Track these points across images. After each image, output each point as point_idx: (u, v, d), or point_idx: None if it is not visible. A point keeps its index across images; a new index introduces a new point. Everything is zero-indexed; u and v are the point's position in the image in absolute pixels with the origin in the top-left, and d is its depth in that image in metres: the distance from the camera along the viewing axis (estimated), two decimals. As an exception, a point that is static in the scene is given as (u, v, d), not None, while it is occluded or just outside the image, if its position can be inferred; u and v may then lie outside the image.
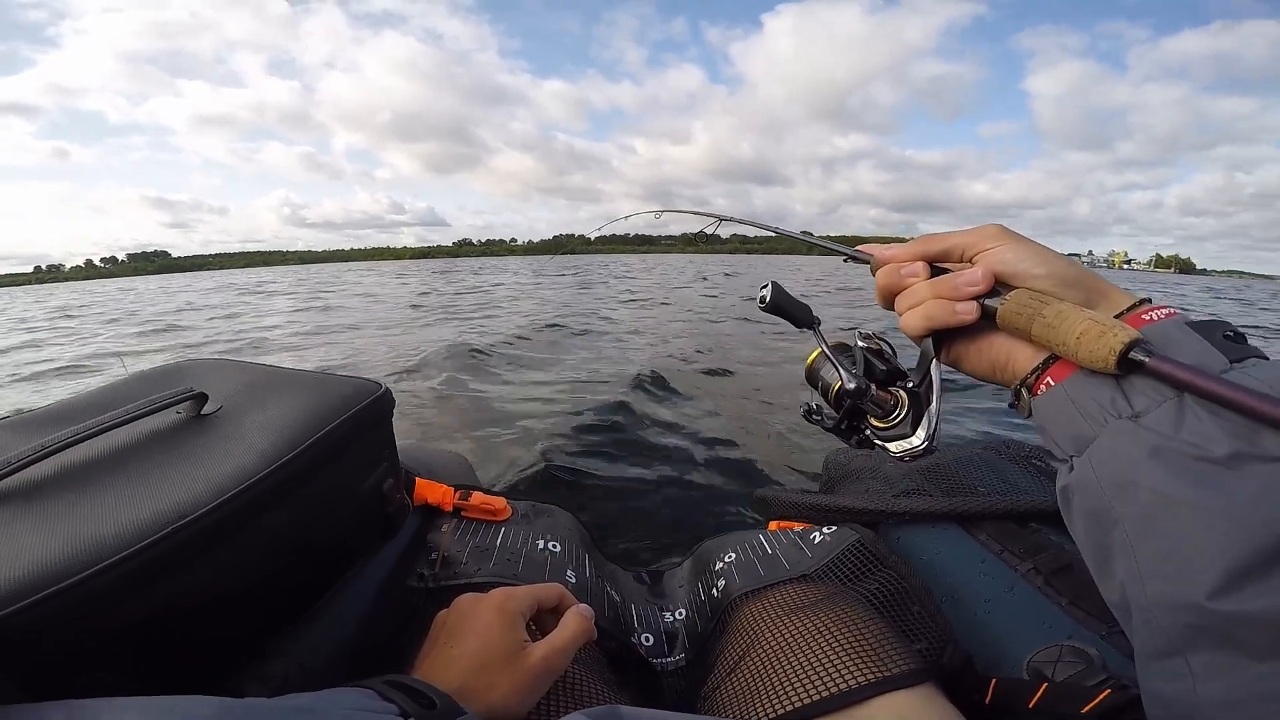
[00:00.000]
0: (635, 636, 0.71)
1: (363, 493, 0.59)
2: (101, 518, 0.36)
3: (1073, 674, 0.46)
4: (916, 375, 0.41)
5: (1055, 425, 0.33)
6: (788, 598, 0.61)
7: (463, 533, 0.73)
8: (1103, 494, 0.30)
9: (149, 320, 9.18)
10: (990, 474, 0.76)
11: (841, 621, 0.55)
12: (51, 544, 0.33)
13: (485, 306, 8.26)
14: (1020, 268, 0.34)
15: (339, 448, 0.53)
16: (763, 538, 0.75)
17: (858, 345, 0.47)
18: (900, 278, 0.38)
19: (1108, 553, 0.30)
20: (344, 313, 8.39)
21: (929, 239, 0.38)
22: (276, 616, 0.50)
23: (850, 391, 0.42)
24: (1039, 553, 0.60)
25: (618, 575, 0.86)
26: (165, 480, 0.41)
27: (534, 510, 0.84)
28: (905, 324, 0.38)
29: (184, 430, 0.49)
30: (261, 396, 0.54)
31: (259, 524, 0.44)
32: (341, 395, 0.56)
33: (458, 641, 0.43)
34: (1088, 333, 0.30)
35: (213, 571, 0.41)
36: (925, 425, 0.41)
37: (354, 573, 0.60)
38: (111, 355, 5.50)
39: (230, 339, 6.33)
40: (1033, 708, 0.44)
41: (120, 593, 0.34)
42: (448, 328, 5.88)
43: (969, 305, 0.35)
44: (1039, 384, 0.34)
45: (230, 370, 0.61)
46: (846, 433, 0.48)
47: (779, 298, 0.46)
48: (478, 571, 0.65)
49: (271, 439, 0.47)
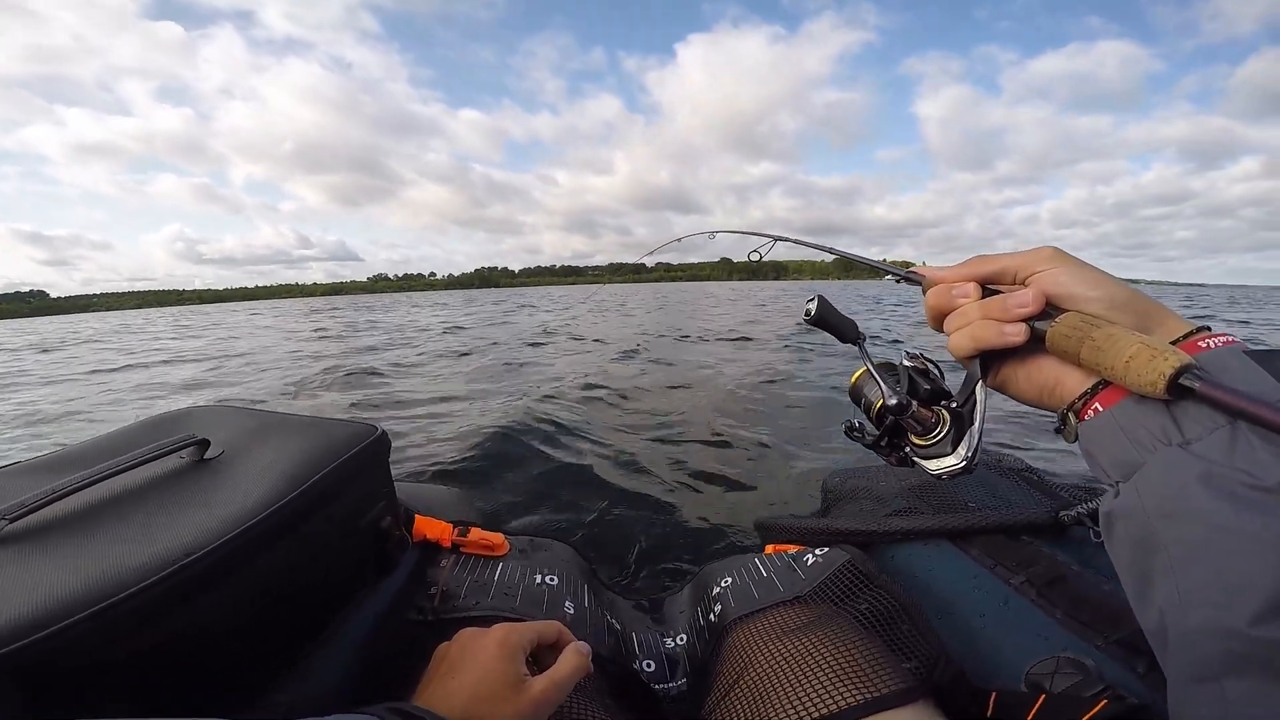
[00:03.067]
0: (637, 663, 0.71)
1: (361, 530, 0.60)
2: (112, 555, 0.38)
3: (1070, 685, 0.46)
4: (960, 395, 0.41)
5: (1102, 451, 0.32)
6: (780, 620, 0.62)
7: (461, 568, 0.74)
8: (1148, 521, 0.29)
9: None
10: (980, 489, 0.77)
11: (832, 643, 0.55)
12: (66, 579, 0.35)
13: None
14: (1074, 290, 0.33)
15: (336, 489, 0.54)
16: (758, 561, 0.76)
17: (903, 364, 0.46)
18: (951, 298, 0.38)
19: (1149, 579, 0.29)
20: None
21: (982, 260, 0.37)
22: (279, 649, 0.51)
23: (891, 408, 0.42)
24: (1031, 565, 0.60)
25: (617, 603, 0.86)
26: (171, 522, 0.43)
27: (532, 545, 0.85)
28: (953, 345, 0.38)
29: (187, 475, 0.51)
30: (261, 441, 0.57)
31: (261, 561, 0.46)
32: (338, 439, 0.58)
33: (459, 673, 0.43)
34: (1137, 356, 0.29)
35: (217, 606, 0.42)
36: (965, 444, 0.40)
37: (355, 606, 0.61)
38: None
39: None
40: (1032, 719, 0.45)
41: (130, 625, 0.36)
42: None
43: (1018, 327, 0.34)
44: (1087, 409, 0.33)
45: (231, 416, 0.63)
46: (886, 449, 0.48)
47: (825, 311, 0.45)
48: (476, 605, 0.66)
49: (271, 482, 0.49)
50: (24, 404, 4.86)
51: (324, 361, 6.07)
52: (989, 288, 0.37)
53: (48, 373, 7.04)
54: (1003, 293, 0.36)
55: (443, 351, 6.54)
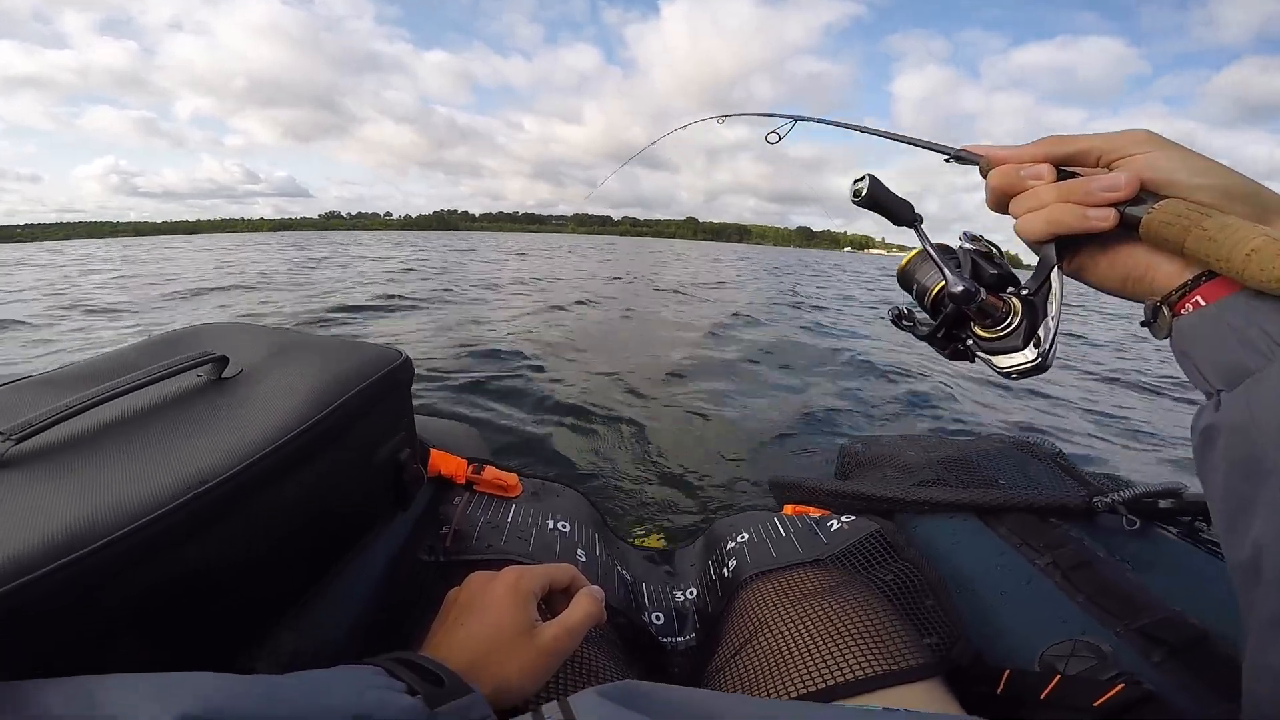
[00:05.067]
0: (646, 615, 0.71)
1: (380, 461, 0.59)
2: (122, 482, 0.36)
3: (1085, 669, 0.46)
4: (1033, 282, 0.37)
5: (1203, 351, 0.29)
6: (800, 582, 0.61)
7: (474, 507, 0.73)
8: (1258, 439, 0.26)
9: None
10: (1012, 468, 0.75)
11: (853, 610, 0.54)
12: (72, 508, 0.33)
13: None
14: (1176, 177, 0.30)
15: (360, 415, 0.52)
16: (777, 520, 0.75)
17: (963, 246, 0.42)
18: (1020, 179, 0.35)
19: (1248, 506, 0.26)
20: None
21: (1058, 139, 0.34)
22: (289, 586, 0.50)
23: (956, 295, 0.37)
24: (1059, 547, 0.59)
25: (628, 554, 0.86)
26: (187, 445, 0.41)
27: (544, 489, 0.84)
28: (1023, 227, 0.35)
29: (204, 394, 0.48)
30: (282, 361, 0.54)
31: (278, 490, 0.44)
32: (363, 361, 0.55)
33: (469, 619, 0.43)
34: (1263, 250, 0.26)
35: (228, 539, 0.40)
36: (1040, 337, 0.36)
37: (367, 544, 0.60)
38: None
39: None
40: (1044, 700, 0.44)
41: (137, 561, 0.34)
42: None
43: (1105, 212, 0.31)
44: (1184, 302, 0.30)
45: (250, 334, 0.61)
46: (943, 341, 0.43)
47: (876, 191, 0.41)
48: (489, 548, 0.65)
49: (293, 404, 0.47)
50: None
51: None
52: (1064, 170, 0.34)
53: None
54: (1082, 176, 0.33)
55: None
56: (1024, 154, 0.35)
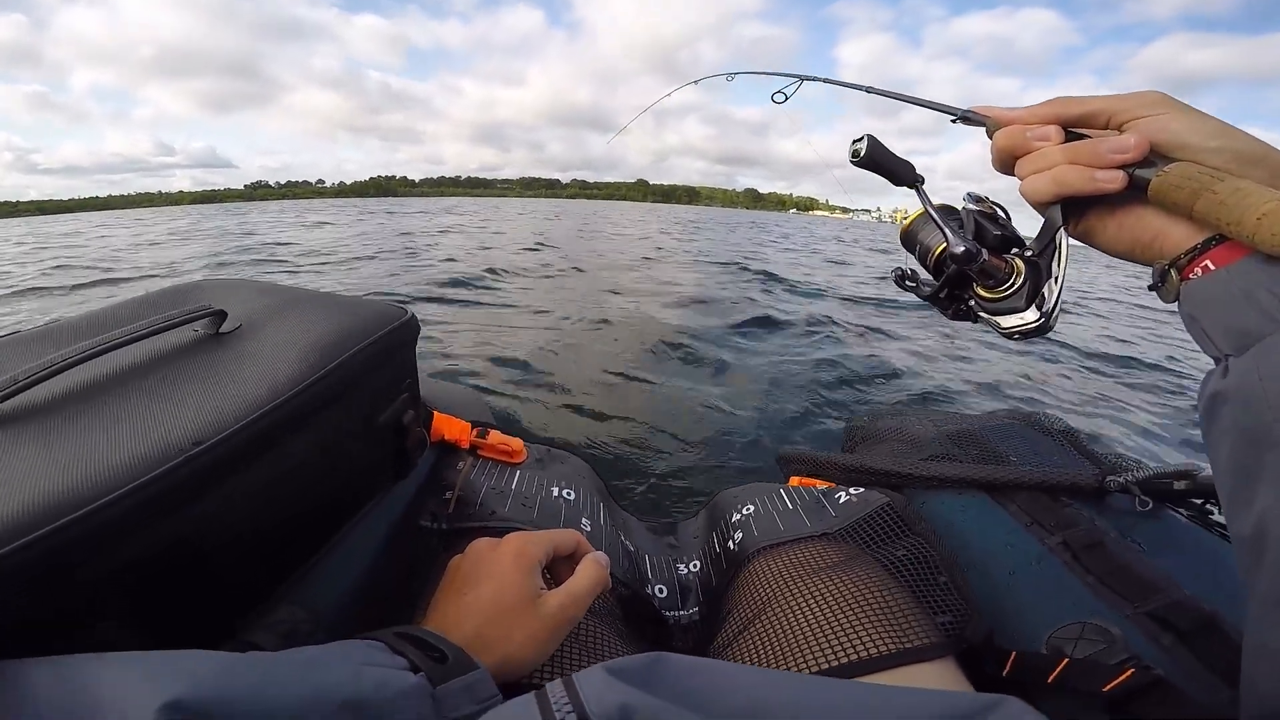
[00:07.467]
0: (649, 588, 0.71)
1: (383, 424, 0.57)
2: (111, 444, 0.34)
3: (1093, 652, 0.45)
4: (1038, 244, 0.37)
5: (1212, 315, 0.29)
6: (807, 556, 0.60)
7: (478, 473, 0.72)
8: (1267, 407, 0.25)
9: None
10: (1023, 445, 0.74)
11: (863, 587, 0.53)
12: (58, 473, 0.31)
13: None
14: (1189, 140, 0.29)
15: (362, 374, 0.50)
16: (783, 492, 0.74)
17: (967, 207, 0.42)
18: (1026, 140, 0.34)
19: (1253, 477, 0.26)
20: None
21: (1066, 100, 0.34)
22: (288, 556, 0.49)
23: (958, 256, 0.38)
24: (1070, 527, 0.58)
25: (631, 525, 0.85)
26: (181, 402, 0.39)
27: (549, 455, 0.83)
28: (1028, 188, 0.34)
29: (201, 349, 0.46)
30: (282, 317, 0.52)
31: (277, 453, 0.43)
32: (366, 318, 0.53)
33: (472, 588, 0.42)
34: (1274, 214, 0.26)
35: (225, 503, 0.39)
36: (1044, 298, 0.36)
37: (369, 509, 0.59)
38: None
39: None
40: (1052, 683, 0.44)
41: (128, 528, 0.32)
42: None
43: (1113, 174, 0.31)
44: (1194, 266, 0.30)
45: (249, 289, 0.59)
46: (945, 301, 0.44)
47: (876, 151, 0.41)
48: (492, 515, 0.64)
49: (293, 361, 0.45)
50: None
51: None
52: (1071, 131, 0.34)
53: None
54: (1090, 138, 0.33)
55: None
56: (1032, 115, 0.35)
